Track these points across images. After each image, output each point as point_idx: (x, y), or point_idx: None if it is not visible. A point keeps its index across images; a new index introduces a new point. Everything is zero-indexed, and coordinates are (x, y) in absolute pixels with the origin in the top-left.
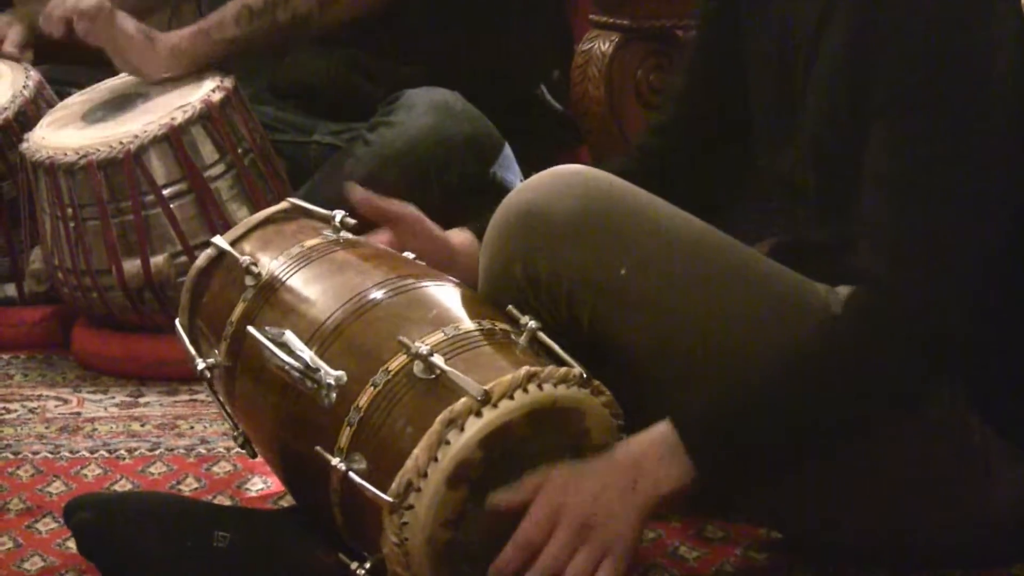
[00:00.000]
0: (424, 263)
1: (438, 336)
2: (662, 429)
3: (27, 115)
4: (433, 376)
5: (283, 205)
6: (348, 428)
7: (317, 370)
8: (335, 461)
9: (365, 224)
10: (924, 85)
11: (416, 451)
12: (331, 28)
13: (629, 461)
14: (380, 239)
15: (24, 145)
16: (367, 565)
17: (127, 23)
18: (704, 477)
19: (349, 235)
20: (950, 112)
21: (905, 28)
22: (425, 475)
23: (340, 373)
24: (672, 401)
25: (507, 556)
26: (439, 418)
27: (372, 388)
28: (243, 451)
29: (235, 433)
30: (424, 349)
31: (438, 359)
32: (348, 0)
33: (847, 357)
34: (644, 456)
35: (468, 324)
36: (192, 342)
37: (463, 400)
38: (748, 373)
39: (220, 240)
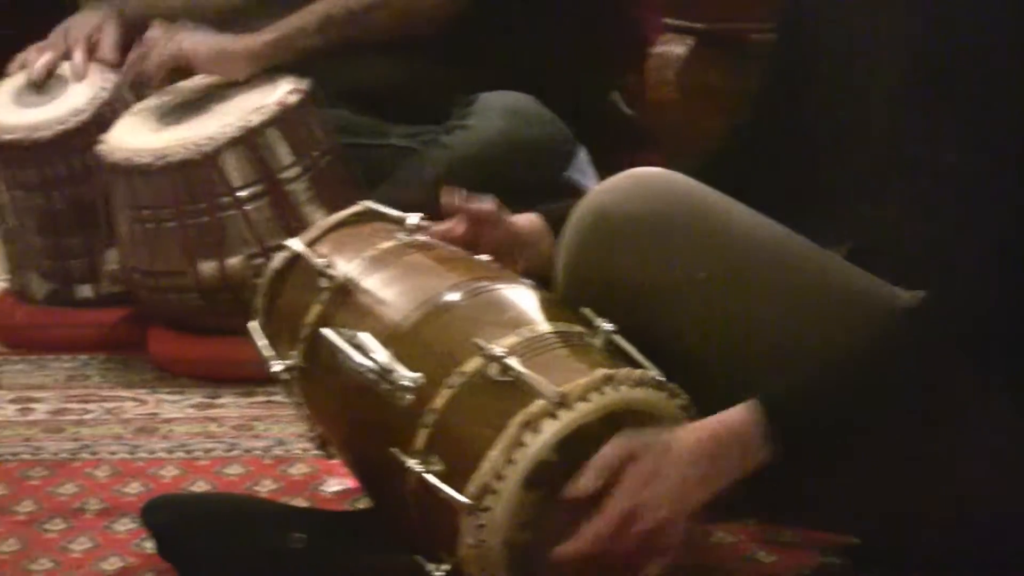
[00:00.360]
0: (498, 265)
1: (513, 338)
2: (736, 413)
3: (104, 117)
4: (509, 378)
5: (357, 208)
6: (424, 430)
7: (392, 371)
8: (411, 463)
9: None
10: (998, 82)
11: (492, 453)
12: (407, 39)
13: (705, 447)
14: (458, 230)
15: (101, 147)
16: (444, 567)
17: (197, 35)
18: (780, 457)
19: (423, 238)
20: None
21: (980, 24)
22: (501, 477)
23: (416, 375)
24: (732, 401)
25: (574, 548)
26: (515, 420)
27: (448, 390)
28: (320, 452)
29: (312, 434)
30: (499, 351)
31: (514, 361)
32: (426, 15)
33: (915, 355)
34: (720, 440)
35: (543, 326)
36: (268, 344)
37: (539, 402)
38: (824, 369)
39: (295, 242)
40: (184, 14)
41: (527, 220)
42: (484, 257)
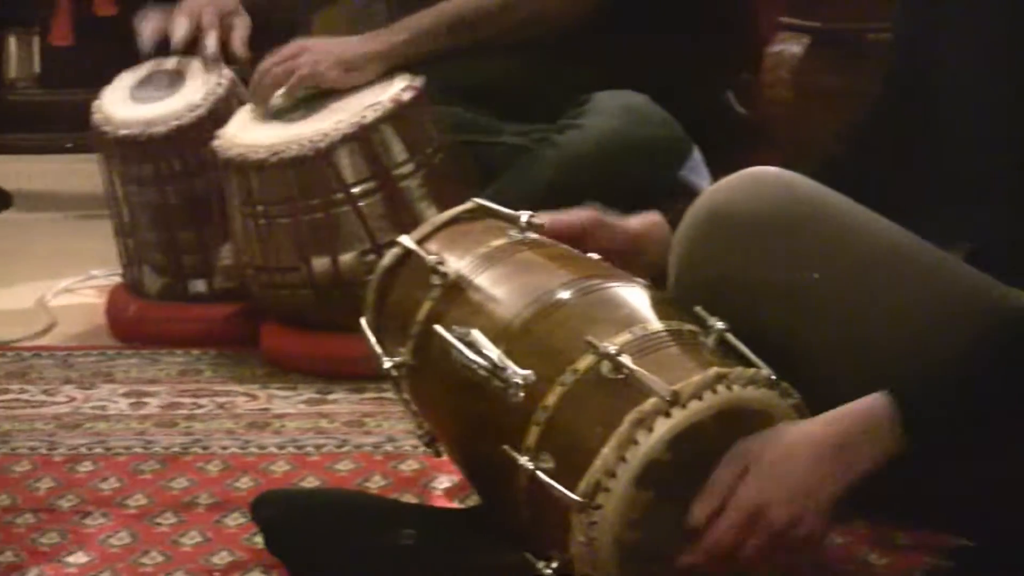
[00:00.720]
0: (609, 264)
1: (626, 336)
2: (865, 404)
3: (219, 112)
4: (621, 376)
5: (469, 205)
6: (535, 427)
7: (504, 369)
8: (523, 460)
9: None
10: None
11: (605, 450)
12: (535, 38)
13: (833, 441)
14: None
15: (216, 142)
16: (554, 565)
17: (320, 54)
18: (910, 449)
19: (535, 235)
20: None
21: None
22: (614, 475)
23: (528, 372)
24: (844, 399)
25: (698, 555)
26: (628, 418)
27: (560, 387)
28: (428, 450)
29: (420, 432)
30: (612, 349)
31: (626, 359)
32: (555, 18)
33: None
34: (847, 435)
35: (656, 325)
36: (378, 341)
37: (652, 400)
38: (946, 366)
39: (407, 239)
40: None
41: (647, 220)
42: (595, 256)
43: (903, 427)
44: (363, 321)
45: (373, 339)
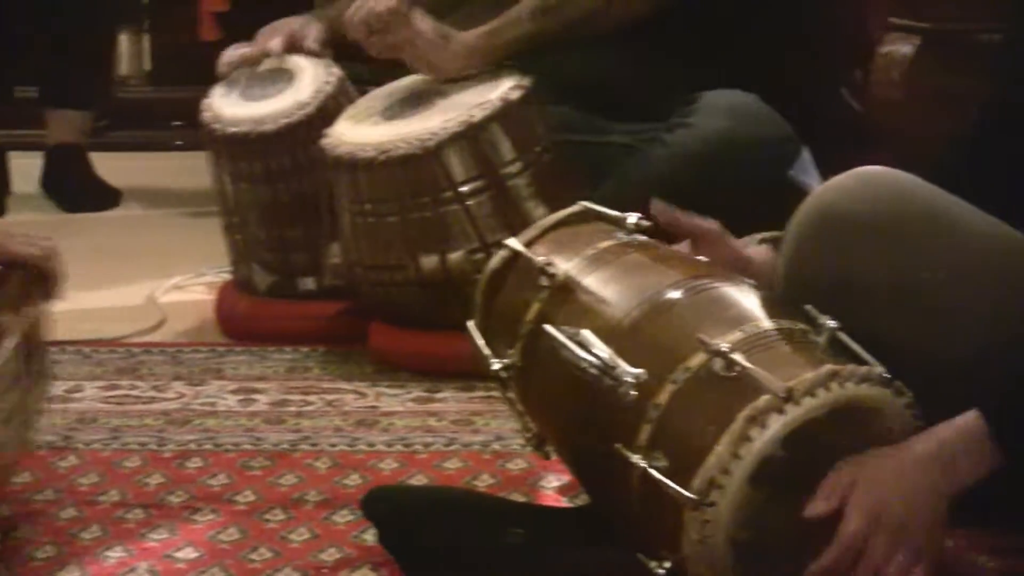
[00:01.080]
0: (717, 265)
1: (737, 334)
2: (962, 421)
3: (328, 111)
4: (734, 374)
5: (576, 208)
6: (647, 425)
7: (615, 367)
8: (635, 458)
9: (660, 234)
10: None
11: (718, 448)
12: (621, 25)
13: (934, 455)
14: (679, 248)
15: (325, 140)
16: (666, 564)
17: (423, 23)
18: (1010, 463)
19: (643, 237)
20: None
21: None
22: (727, 472)
23: (639, 370)
24: (954, 400)
25: (831, 559)
26: (741, 415)
27: (672, 385)
28: (538, 452)
29: (528, 435)
30: (724, 347)
31: (739, 356)
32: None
33: None
34: (947, 449)
35: (767, 323)
36: (486, 343)
37: (765, 397)
38: None
39: (514, 241)
40: None
41: (759, 251)
42: (701, 257)
43: (996, 443)
44: (471, 324)
45: (481, 341)
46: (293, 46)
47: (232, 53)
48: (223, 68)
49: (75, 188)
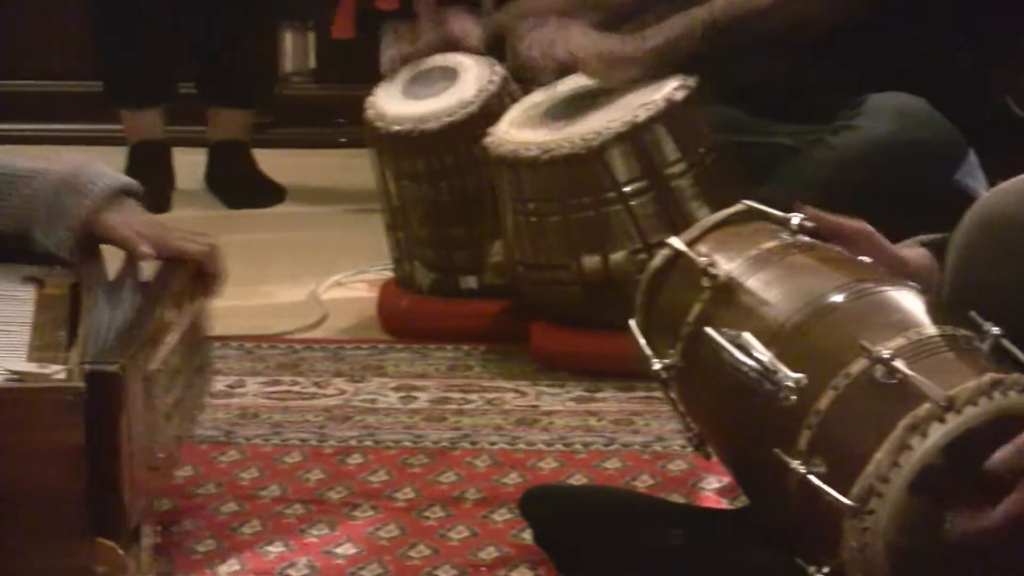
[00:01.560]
0: (882, 268)
1: (900, 341)
2: None
3: (492, 109)
4: (895, 381)
5: (739, 207)
6: (807, 431)
7: (776, 372)
8: (794, 464)
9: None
10: None
11: (878, 455)
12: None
13: None
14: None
15: (488, 139)
16: (825, 570)
17: (586, 39)
18: None
19: (806, 238)
20: None
21: None
22: (887, 480)
23: (800, 375)
24: None
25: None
26: (902, 423)
27: (832, 391)
28: (699, 453)
29: (688, 436)
30: (886, 353)
31: (900, 364)
32: (818, 22)
33: None
34: None
35: (930, 329)
36: (647, 342)
37: (926, 406)
38: None
39: (677, 241)
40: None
41: (916, 254)
42: (867, 259)
43: None
44: (632, 324)
45: (642, 341)
46: (453, 44)
47: (395, 51)
48: (387, 65)
49: (239, 185)
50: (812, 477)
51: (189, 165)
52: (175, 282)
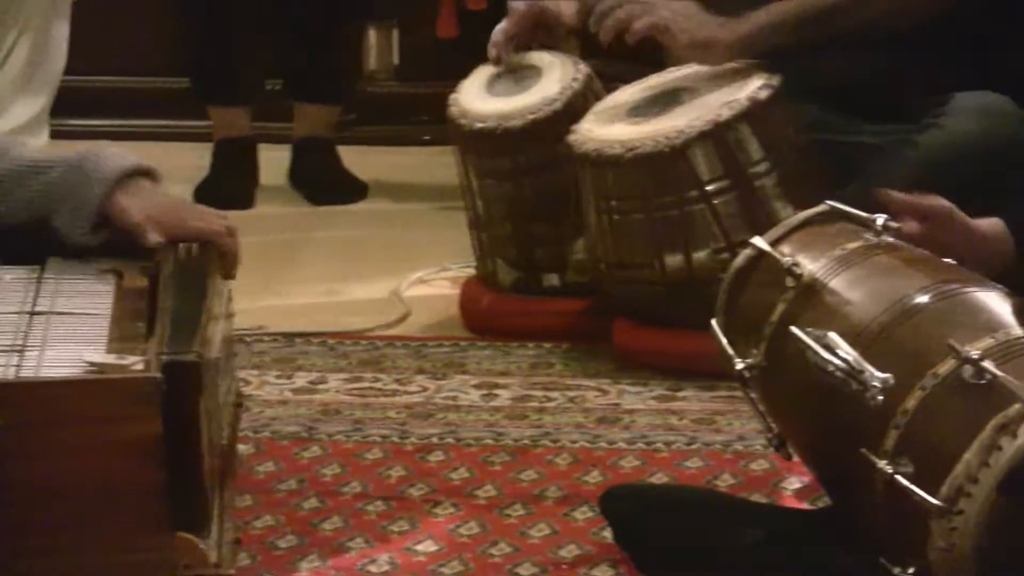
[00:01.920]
0: (964, 268)
1: (988, 341)
2: None
3: (575, 107)
4: (983, 381)
5: (822, 207)
6: (894, 431)
7: (862, 371)
8: (881, 464)
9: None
10: None
11: (967, 456)
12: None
13: None
14: (910, 228)
15: (571, 136)
16: (910, 571)
17: (679, 9)
18: None
19: (890, 239)
20: None
21: None
22: (976, 480)
23: (887, 375)
24: None
25: None
26: (991, 423)
27: (920, 392)
28: (779, 453)
29: (770, 436)
30: (975, 354)
31: (989, 364)
32: (910, 14)
33: None
34: None
35: (1018, 330)
36: (729, 342)
37: (1016, 406)
38: None
39: (760, 241)
40: None
41: (988, 224)
42: (951, 261)
43: None
44: (714, 323)
45: (724, 340)
46: (542, 22)
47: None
48: (494, 51)
49: (322, 181)
50: (900, 477)
51: (273, 161)
52: (211, 266)
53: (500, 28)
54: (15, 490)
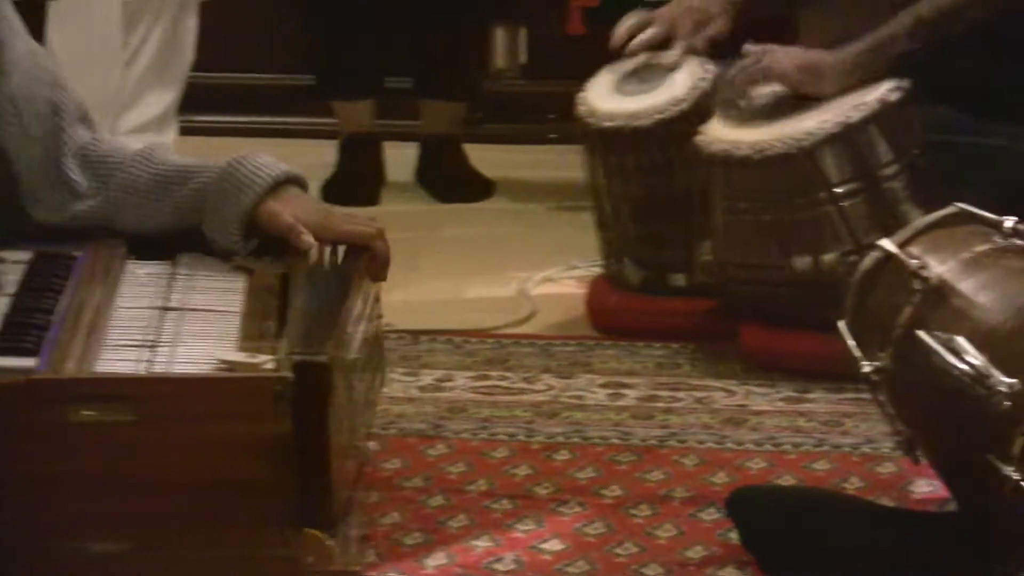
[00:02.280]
0: None
1: None
2: None
3: (703, 108)
4: None
5: (951, 209)
6: (1021, 438)
7: (989, 376)
8: (1008, 470)
9: None
10: None
11: None
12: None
13: None
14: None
15: (699, 137)
16: None
17: (785, 59)
18: None
19: (1020, 242)
20: None
21: None
22: None
23: (1014, 380)
24: None
25: None
26: None
27: None
28: (908, 456)
29: (898, 439)
30: None
31: None
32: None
33: None
34: None
35: None
36: (856, 344)
37: None
38: None
39: (888, 243)
40: None
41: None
42: None
43: None
44: (841, 325)
45: (852, 342)
46: (695, 29)
47: (631, 27)
48: (632, 46)
49: (449, 179)
50: None
51: (400, 159)
52: (358, 269)
53: (630, 23)
54: (145, 484)
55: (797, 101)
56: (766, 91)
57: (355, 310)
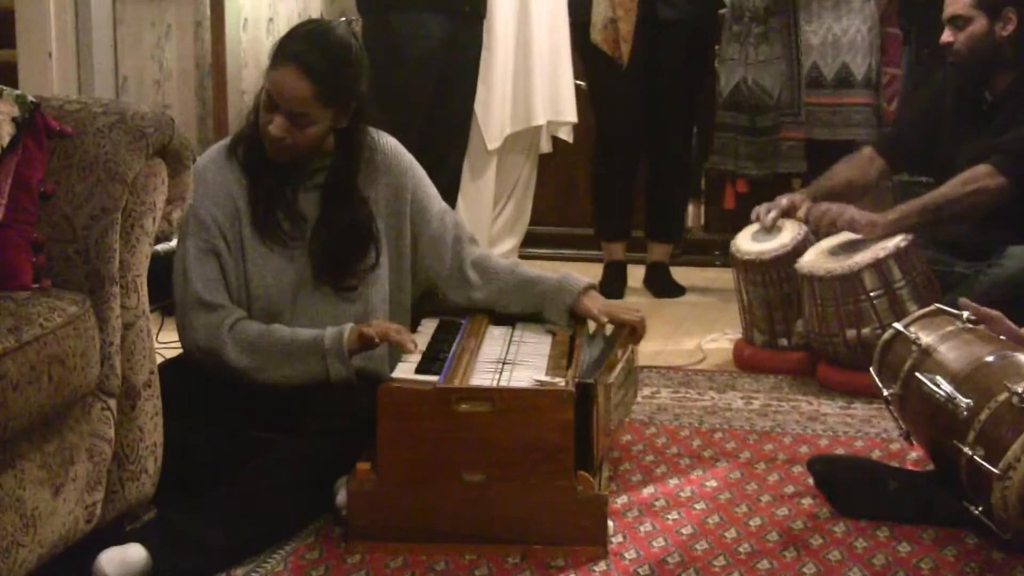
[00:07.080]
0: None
1: None
2: None
3: (799, 249)
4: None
5: (933, 307)
6: (973, 432)
7: (955, 398)
8: (965, 449)
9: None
10: None
11: (1015, 447)
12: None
13: None
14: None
15: (798, 265)
16: (980, 508)
17: (854, 214)
18: None
19: (972, 326)
20: None
21: None
22: (1020, 460)
23: (969, 401)
24: None
25: None
26: None
27: (987, 410)
28: (907, 441)
29: (901, 431)
30: (1019, 389)
31: None
32: (982, 207)
33: None
34: None
35: None
36: (880, 380)
37: None
38: None
39: (898, 325)
40: None
41: None
42: (1005, 338)
43: None
44: (872, 370)
45: (878, 380)
46: (788, 212)
47: (763, 212)
48: (766, 221)
49: (661, 285)
50: (976, 458)
51: (635, 273)
52: (621, 336)
53: (767, 207)
54: (496, 445)
55: (851, 245)
56: (839, 238)
57: (615, 357)
